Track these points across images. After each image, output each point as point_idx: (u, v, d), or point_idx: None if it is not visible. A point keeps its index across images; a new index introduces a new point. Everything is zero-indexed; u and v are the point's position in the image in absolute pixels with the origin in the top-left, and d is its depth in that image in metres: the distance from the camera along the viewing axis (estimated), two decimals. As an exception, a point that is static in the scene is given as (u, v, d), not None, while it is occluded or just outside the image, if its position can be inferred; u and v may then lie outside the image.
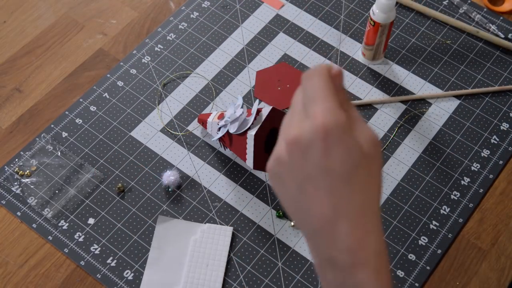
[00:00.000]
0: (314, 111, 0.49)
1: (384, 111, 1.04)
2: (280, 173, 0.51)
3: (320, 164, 0.48)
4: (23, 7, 1.17)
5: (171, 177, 0.96)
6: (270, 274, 0.90)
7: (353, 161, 0.48)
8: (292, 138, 0.49)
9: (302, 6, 1.16)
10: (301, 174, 0.50)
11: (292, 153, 0.50)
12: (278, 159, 0.51)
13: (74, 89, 1.07)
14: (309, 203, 0.50)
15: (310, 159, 0.49)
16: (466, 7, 1.15)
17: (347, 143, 0.48)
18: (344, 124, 0.48)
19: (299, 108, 0.51)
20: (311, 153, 0.48)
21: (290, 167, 0.50)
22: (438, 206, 0.96)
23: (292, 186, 0.51)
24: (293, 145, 0.49)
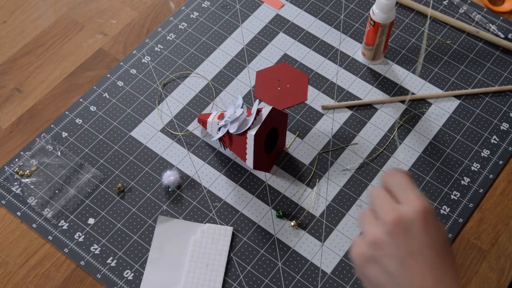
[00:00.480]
0: (409, 197, 0.59)
1: (384, 111, 1.04)
2: (377, 255, 0.59)
3: (423, 240, 0.57)
4: (23, 7, 1.17)
5: (171, 177, 0.95)
6: (270, 274, 0.90)
7: (443, 238, 0.58)
8: (393, 220, 0.58)
9: (302, 6, 1.16)
10: (404, 250, 0.58)
11: (394, 234, 0.58)
12: (375, 243, 0.59)
13: (74, 89, 1.07)
14: (410, 278, 0.57)
15: (413, 237, 0.57)
16: (466, 7, 1.15)
17: (437, 222, 0.58)
18: (432, 207, 0.61)
19: (387, 199, 0.60)
20: (413, 232, 0.57)
21: (392, 247, 0.58)
22: (438, 206, 0.96)
23: (392, 264, 0.58)
24: (396, 226, 0.58)
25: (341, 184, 0.97)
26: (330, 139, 1.01)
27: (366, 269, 0.61)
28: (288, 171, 0.98)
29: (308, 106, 1.05)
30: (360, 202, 0.96)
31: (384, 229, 0.59)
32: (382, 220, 0.59)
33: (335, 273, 0.90)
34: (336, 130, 1.02)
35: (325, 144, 1.01)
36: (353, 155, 1.00)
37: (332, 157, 1.00)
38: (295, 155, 1.00)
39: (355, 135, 1.02)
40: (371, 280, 0.61)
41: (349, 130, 1.02)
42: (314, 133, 1.02)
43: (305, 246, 0.92)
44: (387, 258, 0.59)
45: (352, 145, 1.01)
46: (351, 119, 1.04)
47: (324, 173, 0.98)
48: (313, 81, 1.07)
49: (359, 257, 0.61)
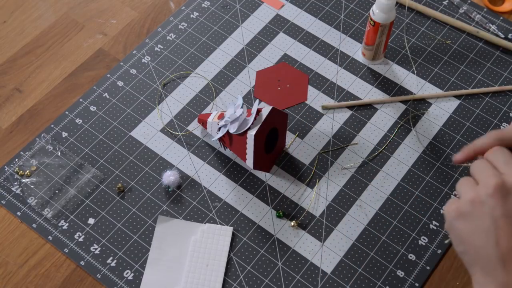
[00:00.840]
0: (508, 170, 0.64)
1: (384, 111, 1.04)
2: (474, 212, 0.64)
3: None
4: (23, 7, 1.17)
5: (171, 177, 0.96)
6: (270, 274, 0.90)
7: None
8: (495, 184, 0.63)
9: (302, 6, 1.16)
10: (500, 212, 0.63)
11: (494, 196, 0.63)
12: (473, 201, 0.64)
13: (74, 89, 1.07)
14: (499, 237, 0.63)
15: (510, 203, 0.63)
16: (466, 7, 1.15)
17: None
18: None
19: (489, 166, 0.66)
20: (511, 198, 0.63)
21: (489, 207, 0.63)
22: (438, 206, 0.96)
23: (485, 222, 0.63)
24: (496, 189, 0.63)
25: (341, 184, 0.97)
26: (330, 139, 1.01)
27: (458, 223, 0.65)
28: (288, 171, 0.98)
29: (308, 106, 1.05)
30: (360, 202, 0.96)
31: (485, 191, 0.63)
32: (484, 183, 0.64)
33: (335, 273, 0.90)
34: (336, 130, 1.02)
35: (325, 144, 1.01)
36: (353, 155, 1.00)
37: (332, 157, 1.00)
38: (295, 155, 1.00)
39: (355, 135, 1.02)
40: (460, 233, 0.65)
41: (349, 130, 1.02)
42: (314, 133, 1.02)
43: (305, 246, 0.92)
44: (482, 216, 0.63)
45: (352, 145, 1.01)
46: (351, 119, 1.04)
47: (324, 173, 0.98)
48: (313, 81, 1.07)
49: (454, 211, 0.66)
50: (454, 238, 0.67)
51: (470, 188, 0.66)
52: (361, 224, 0.94)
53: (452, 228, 0.67)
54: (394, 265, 0.91)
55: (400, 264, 0.91)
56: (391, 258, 0.91)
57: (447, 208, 0.67)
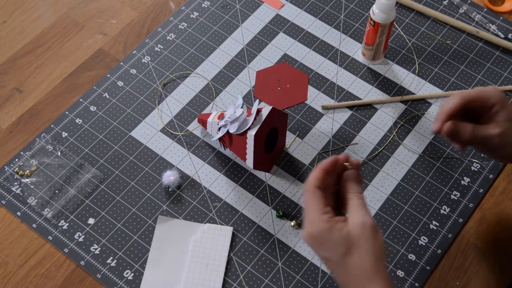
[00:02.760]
0: (307, 223, 0.75)
1: (384, 111, 1.04)
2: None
3: (320, 255, 0.76)
4: (23, 7, 1.17)
5: (171, 177, 0.96)
6: (270, 274, 0.90)
7: (341, 250, 0.72)
8: (302, 235, 0.76)
9: (302, 6, 1.16)
10: (320, 256, 0.76)
11: (308, 240, 0.75)
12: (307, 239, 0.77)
13: (74, 89, 1.07)
14: (331, 273, 0.78)
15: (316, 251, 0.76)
16: (466, 7, 1.15)
17: (331, 240, 0.73)
18: (325, 230, 0.73)
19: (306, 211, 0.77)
20: (314, 247, 0.76)
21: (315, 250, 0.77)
22: (438, 206, 0.96)
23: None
24: (307, 237, 0.75)
25: (341, 184, 0.97)
26: (330, 139, 1.01)
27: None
28: (288, 171, 0.98)
29: (308, 106, 1.05)
30: (360, 202, 0.96)
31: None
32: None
33: (335, 273, 0.90)
34: (336, 130, 1.02)
35: (325, 144, 1.01)
36: (353, 155, 1.00)
37: (332, 157, 1.00)
38: (295, 155, 1.00)
39: (355, 135, 1.02)
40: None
41: (349, 130, 1.02)
42: (314, 133, 1.02)
43: (305, 246, 0.92)
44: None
45: (352, 145, 1.01)
46: (351, 119, 1.04)
47: (324, 173, 0.98)
48: (313, 81, 1.07)
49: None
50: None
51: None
52: (361, 224, 0.94)
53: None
54: (394, 265, 0.91)
55: (400, 264, 0.91)
56: (391, 258, 0.91)
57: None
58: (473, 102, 0.83)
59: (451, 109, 0.82)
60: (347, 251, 0.72)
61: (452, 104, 0.83)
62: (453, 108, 0.82)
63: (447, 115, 0.83)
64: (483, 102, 0.83)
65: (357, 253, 0.72)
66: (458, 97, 0.83)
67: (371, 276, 0.72)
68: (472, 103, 0.83)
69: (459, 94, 0.83)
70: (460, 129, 0.82)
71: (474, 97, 0.83)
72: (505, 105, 0.83)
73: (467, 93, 0.83)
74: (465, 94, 0.83)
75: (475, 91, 0.83)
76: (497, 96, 0.83)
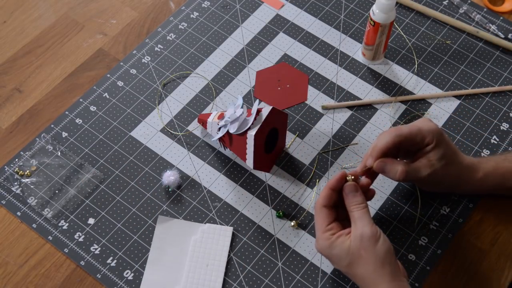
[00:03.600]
0: (316, 239, 0.84)
1: (384, 111, 1.04)
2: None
3: (332, 264, 0.85)
4: (23, 7, 1.17)
5: (171, 177, 0.96)
6: (270, 274, 0.90)
7: (344, 263, 0.80)
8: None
9: (302, 6, 1.16)
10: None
11: (320, 253, 0.86)
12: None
13: (74, 89, 1.07)
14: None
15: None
16: (466, 7, 1.15)
17: (334, 255, 0.81)
18: (326, 246, 0.81)
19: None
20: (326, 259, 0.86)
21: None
22: (438, 207, 0.96)
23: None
24: (319, 251, 0.85)
25: (341, 184, 0.97)
26: (330, 139, 1.01)
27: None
28: (288, 171, 0.98)
29: (308, 106, 1.05)
30: (360, 202, 0.96)
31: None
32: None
33: (335, 273, 0.90)
34: (336, 130, 1.02)
35: (325, 144, 1.01)
36: (353, 155, 1.00)
37: (332, 157, 1.00)
38: (295, 155, 1.00)
39: (355, 135, 1.02)
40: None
41: (349, 130, 1.02)
42: (314, 133, 1.02)
43: (305, 246, 0.92)
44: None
45: (352, 145, 1.01)
46: (351, 119, 1.04)
47: (324, 173, 0.98)
48: (313, 81, 1.07)
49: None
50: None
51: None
52: (361, 224, 0.94)
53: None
54: (394, 265, 0.91)
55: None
56: (391, 258, 0.91)
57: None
58: (408, 140, 0.85)
59: (384, 147, 0.86)
60: (349, 263, 0.80)
61: (385, 143, 0.85)
62: (386, 146, 0.85)
63: (379, 153, 0.86)
64: (418, 141, 0.86)
65: (359, 264, 0.79)
66: (392, 135, 0.85)
67: (375, 282, 0.78)
68: (406, 141, 0.86)
69: (393, 131, 0.85)
70: (390, 170, 0.86)
71: (408, 135, 0.85)
72: (440, 143, 0.86)
73: (401, 132, 0.85)
74: (398, 133, 0.85)
75: (409, 130, 0.85)
76: (432, 135, 0.85)
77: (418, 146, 0.87)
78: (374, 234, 0.79)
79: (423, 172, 0.86)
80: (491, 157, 0.94)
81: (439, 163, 0.86)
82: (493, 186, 0.91)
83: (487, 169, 0.90)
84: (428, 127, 0.86)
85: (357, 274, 0.80)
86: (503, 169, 0.90)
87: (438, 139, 0.86)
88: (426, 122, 0.87)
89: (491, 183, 0.90)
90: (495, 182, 0.90)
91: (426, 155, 0.86)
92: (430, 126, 0.86)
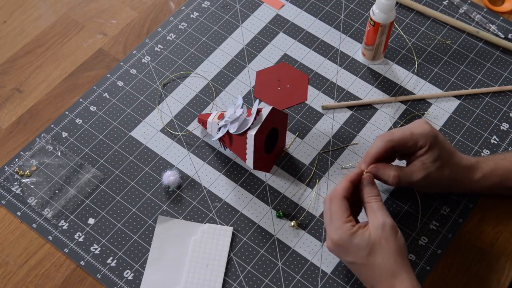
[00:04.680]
0: (331, 231, 0.82)
1: (384, 111, 1.04)
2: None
3: (346, 260, 0.83)
4: (23, 7, 1.17)
5: (171, 177, 0.96)
6: (270, 274, 0.90)
7: (364, 252, 0.78)
8: (327, 244, 0.84)
9: (302, 6, 1.16)
10: (345, 261, 0.84)
11: (333, 247, 0.83)
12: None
13: (74, 89, 1.07)
14: (357, 275, 0.85)
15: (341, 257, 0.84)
16: (466, 7, 1.15)
17: (354, 245, 0.79)
18: (347, 236, 0.79)
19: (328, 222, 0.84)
20: (338, 253, 0.84)
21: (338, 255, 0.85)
22: (438, 206, 0.96)
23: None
24: (332, 245, 0.83)
25: (341, 184, 0.97)
26: (330, 139, 1.01)
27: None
28: (288, 171, 0.98)
29: (308, 106, 1.05)
30: (360, 202, 0.96)
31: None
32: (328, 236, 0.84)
33: (335, 273, 0.90)
34: (336, 130, 1.02)
35: (325, 144, 1.01)
36: (353, 155, 1.00)
37: (332, 157, 1.00)
38: (295, 155, 1.00)
39: (355, 135, 1.02)
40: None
41: (349, 130, 1.02)
42: (314, 133, 1.02)
43: (305, 246, 0.92)
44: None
45: (352, 145, 1.01)
46: (351, 119, 1.04)
47: (324, 173, 0.98)
48: (313, 81, 1.07)
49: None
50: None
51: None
52: (361, 224, 0.94)
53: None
54: (394, 265, 0.91)
55: (400, 264, 0.91)
56: (391, 258, 0.91)
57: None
58: (400, 144, 0.86)
59: (376, 152, 0.86)
60: (370, 252, 0.78)
61: (377, 148, 0.86)
62: (379, 151, 0.86)
63: (371, 159, 0.87)
64: (410, 145, 0.86)
65: (380, 253, 0.78)
66: (384, 140, 0.86)
67: (395, 272, 0.77)
68: (399, 146, 0.86)
69: (386, 136, 0.86)
70: (383, 175, 0.86)
71: (400, 140, 0.86)
72: (433, 146, 0.86)
73: (393, 137, 0.85)
74: (390, 138, 0.85)
75: (401, 134, 0.86)
76: (425, 138, 0.85)
77: (411, 150, 0.87)
78: (394, 225, 0.79)
79: (416, 176, 0.86)
80: (490, 157, 0.94)
81: (433, 165, 0.86)
82: (492, 186, 0.91)
83: (486, 170, 0.90)
84: (421, 130, 0.86)
85: (375, 264, 0.78)
86: (502, 170, 0.90)
87: (432, 142, 0.85)
88: (420, 125, 0.86)
89: (489, 183, 0.90)
90: (494, 182, 0.90)
91: (420, 158, 0.86)
92: (423, 129, 0.86)
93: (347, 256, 0.81)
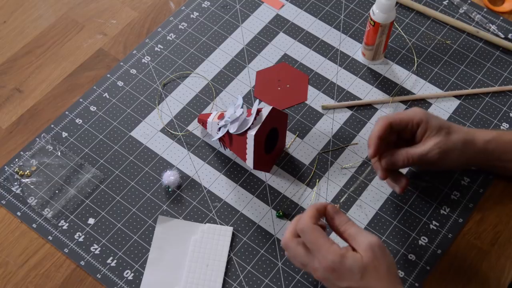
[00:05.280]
0: (319, 260, 0.77)
1: (384, 111, 1.04)
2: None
3: (340, 286, 0.78)
4: (23, 7, 1.17)
5: (171, 177, 0.96)
6: (270, 274, 0.90)
7: (358, 276, 0.76)
8: (317, 276, 0.80)
9: (302, 6, 1.16)
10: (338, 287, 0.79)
11: (326, 275, 0.78)
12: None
13: (74, 89, 1.07)
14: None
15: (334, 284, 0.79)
16: (466, 7, 1.15)
17: (346, 267, 0.76)
18: (339, 258, 0.76)
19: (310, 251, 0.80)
20: (332, 281, 0.78)
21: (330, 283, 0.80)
22: (438, 206, 0.96)
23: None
24: (324, 273, 0.78)
25: (341, 184, 0.97)
26: (330, 139, 1.01)
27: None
28: (288, 171, 0.98)
29: (308, 106, 1.05)
30: (360, 202, 0.96)
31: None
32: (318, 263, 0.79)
33: (335, 273, 0.90)
34: (336, 130, 1.02)
35: (325, 144, 1.01)
36: (353, 155, 1.00)
37: (332, 157, 1.00)
38: (295, 155, 1.00)
39: (355, 135, 1.02)
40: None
41: (349, 130, 1.02)
42: (314, 133, 1.02)
43: (305, 246, 0.92)
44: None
45: (352, 145, 1.01)
46: (351, 119, 1.04)
47: (324, 173, 0.98)
48: (313, 81, 1.07)
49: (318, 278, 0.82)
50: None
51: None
52: (361, 224, 0.94)
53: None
54: (394, 265, 0.91)
55: (400, 264, 0.91)
56: (391, 258, 0.91)
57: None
58: (398, 124, 0.89)
59: (379, 131, 0.89)
60: (363, 275, 0.76)
61: (379, 127, 0.89)
62: (381, 130, 0.88)
63: (377, 139, 0.89)
64: (408, 122, 0.90)
65: (373, 274, 0.76)
66: (383, 120, 0.89)
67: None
68: (397, 125, 0.89)
69: (384, 117, 0.90)
70: (396, 158, 0.89)
71: (397, 119, 0.89)
72: (429, 121, 0.89)
73: (391, 116, 0.89)
74: (388, 117, 0.89)
75: (397, 114, 0.90)
76: (419, 116, 0.89)
77: (411, 129, 0.90)
78: (381, 242, 0.78)
79: (425, 147, 0.88)
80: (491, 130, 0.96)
81: (439, 134, 0.89)
82: (493, 156, 0.92)
83: (488, 137, 0.92)
84: (413, 110, 0.90)
85: (370, 286, 0.77)
86: (505, 138, 0.92)
87: (426, 118, 0.89)
88: (411, 109, 0.91)
89: (490, 151, 0.92)
90: (496, 151, 0.92)
91: (424, 134, 0.89)
92: (415, 109, 0.90)
93: (341, 281, 0.77)
